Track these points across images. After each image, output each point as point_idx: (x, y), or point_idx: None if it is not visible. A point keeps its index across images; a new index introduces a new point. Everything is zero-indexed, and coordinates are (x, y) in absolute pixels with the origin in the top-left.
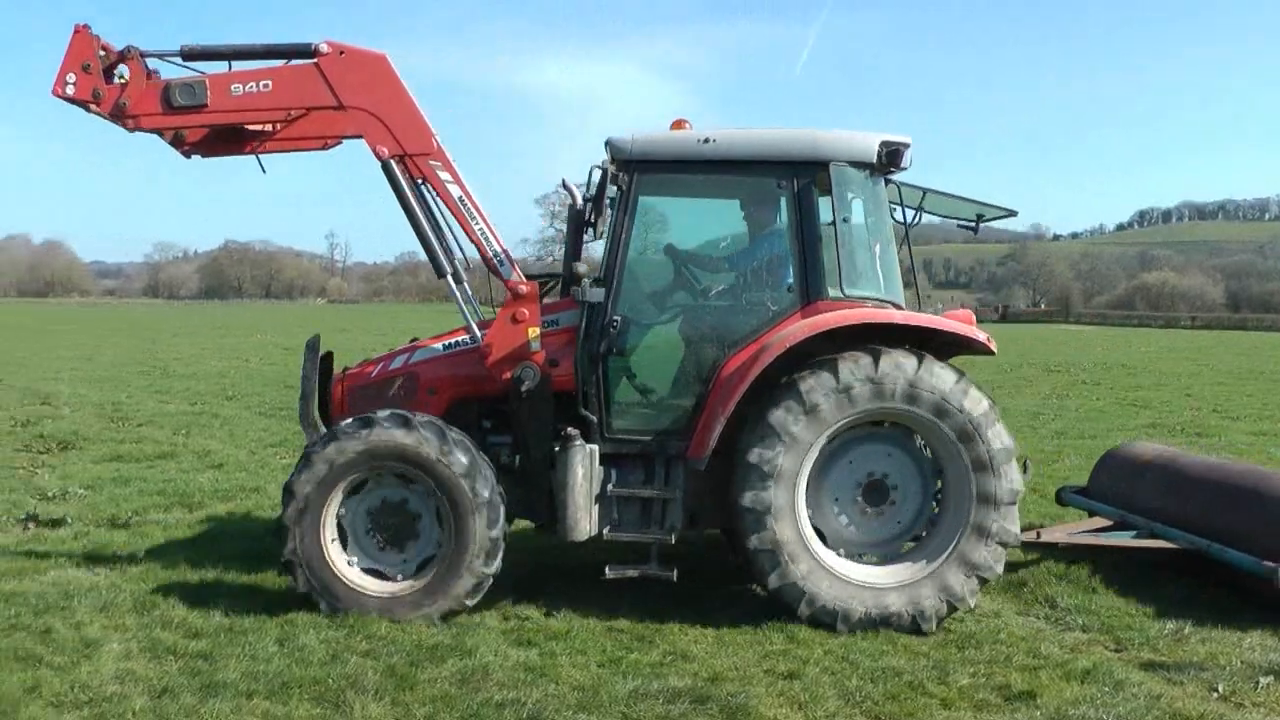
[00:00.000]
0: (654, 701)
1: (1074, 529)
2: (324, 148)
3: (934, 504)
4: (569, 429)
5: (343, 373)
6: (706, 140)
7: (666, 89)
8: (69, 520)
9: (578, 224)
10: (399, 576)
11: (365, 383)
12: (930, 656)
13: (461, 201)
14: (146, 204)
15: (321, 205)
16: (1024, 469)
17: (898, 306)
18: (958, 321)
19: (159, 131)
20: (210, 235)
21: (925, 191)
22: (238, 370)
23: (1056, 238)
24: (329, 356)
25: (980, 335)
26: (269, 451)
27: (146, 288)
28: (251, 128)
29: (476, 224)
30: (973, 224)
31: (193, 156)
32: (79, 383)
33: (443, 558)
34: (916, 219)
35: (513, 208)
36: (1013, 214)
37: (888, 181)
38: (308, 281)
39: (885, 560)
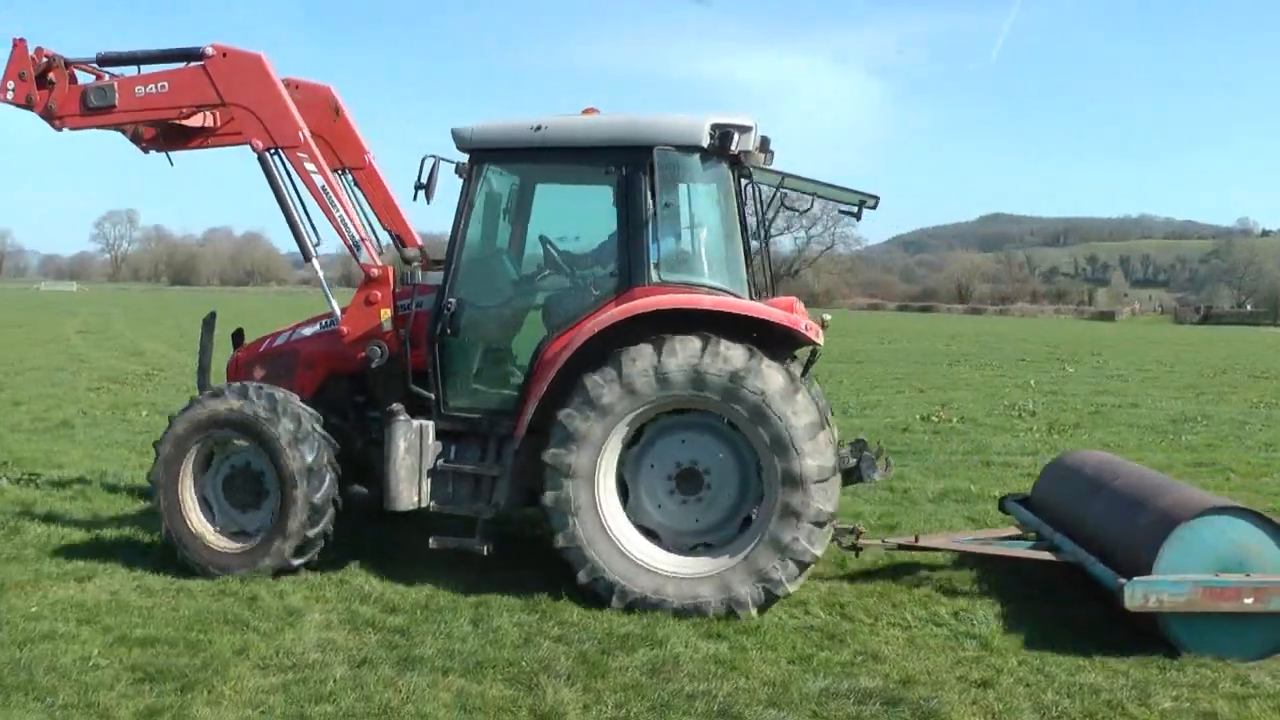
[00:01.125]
0: (844, 701)
1: (964, 536)
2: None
3: None
4: (395, 405)
5: (237, 348)
6: (538, 128)
7: (856, 80)
8: None
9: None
10: (259, 535)
11: (253, 357)
12: (1130, 675)
13: (324, 190)
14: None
15: None
16: (884, 464)
17: (732, 293)
18: (778, 310)
19: (82, 129)
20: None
21: (784, 176)
22: None
23: (1265, 233)
24: (240, 332)
25: (796, 321)
26: None
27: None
28: (191, 124)
29: (337, 211)
30: (854, 210)
31: (150, 151)
32: None
33: (271, 520)
34: (773, 208)
35: None
36: (873, 199)
37: (744, 169)
38: None
39: (711, 548)
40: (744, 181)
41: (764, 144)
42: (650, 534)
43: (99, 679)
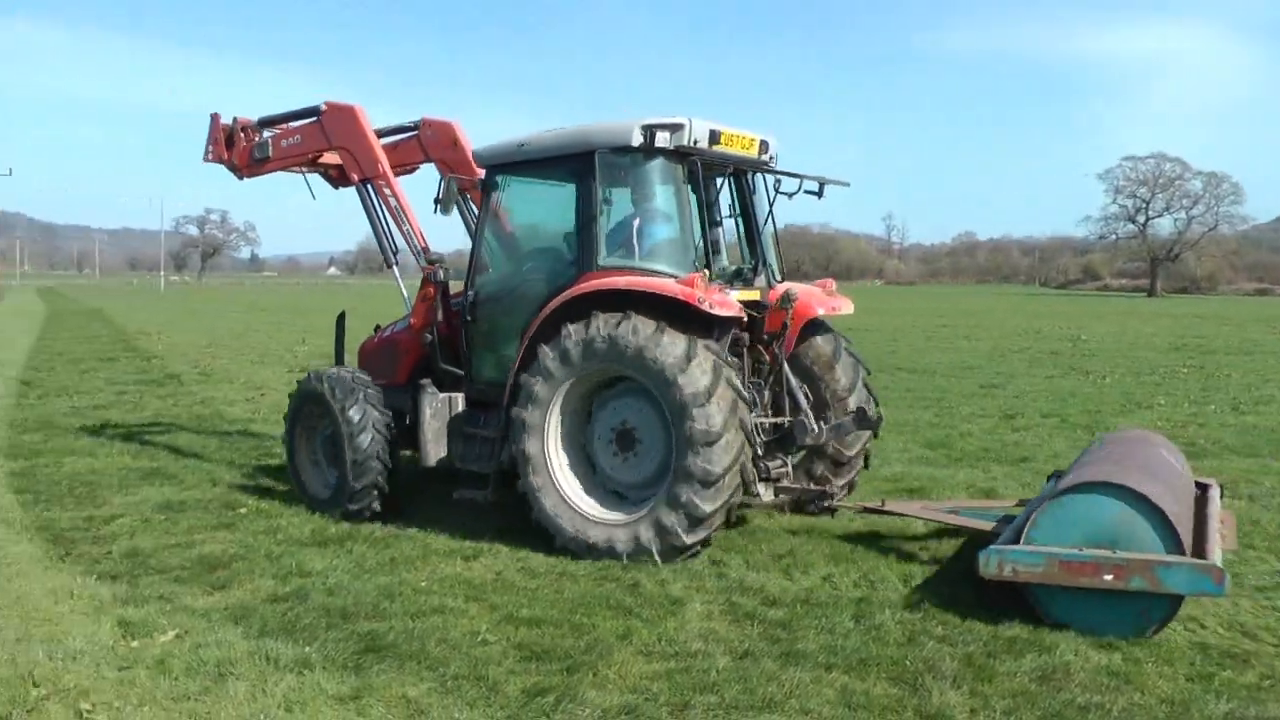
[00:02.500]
0: None
1: (938, 505)
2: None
3: None
4: (423, 380)
5: (339, 327)
6: (521, 144)
7: (1254, 50)
8: None
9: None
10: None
11: (370, 348)
12: None
13: (397, 210)
14: None
15: (880, 187)
16: (866, 420)
17: (671, 274)
18: (679, 286)
19: (256, 177)
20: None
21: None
22: None
23: None
24: (342, 315)
25: (691, 295)
26: None
27: None
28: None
29: (404, 225)
30: (816, 191)
31: (338, 188)
32: None
33: (338, 475)
34: (717, 193)
35: (1074, 183)
36: (843, 183)
37: (692, 161)
38: (865, 263)
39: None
40: (756, 176)
41: (764, 146)
42: (619, 494)
43: (487, 654)
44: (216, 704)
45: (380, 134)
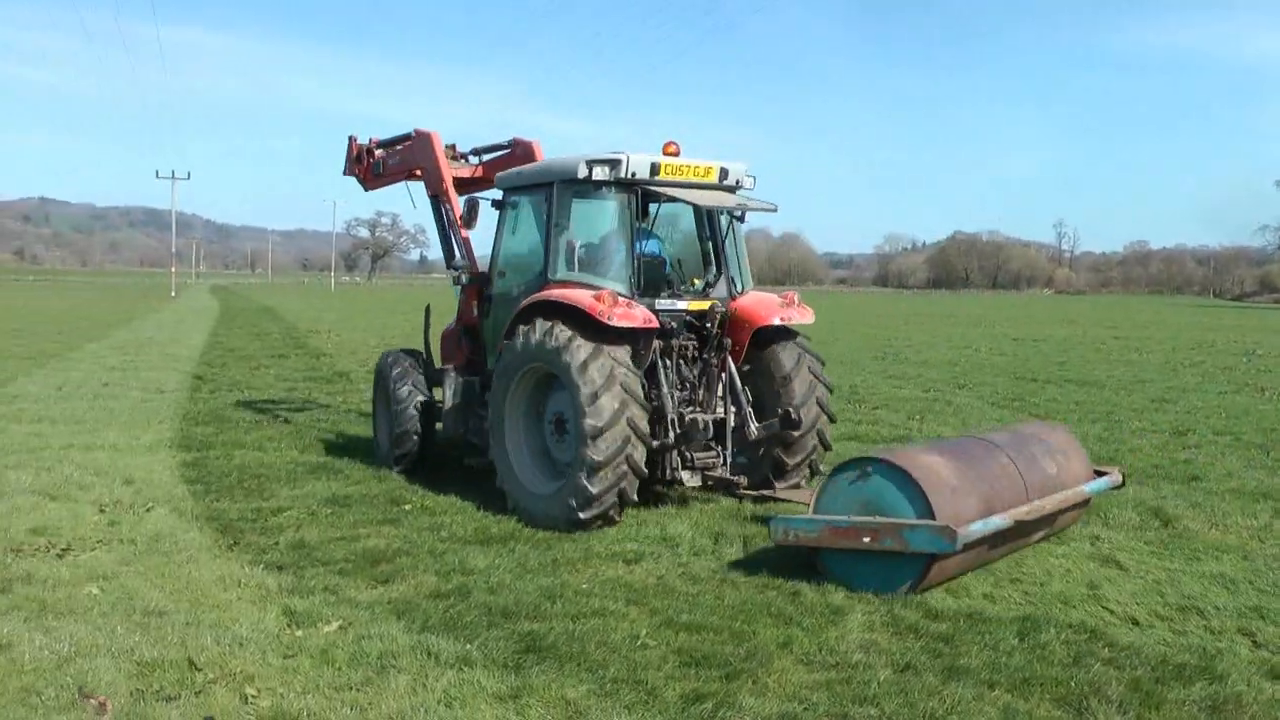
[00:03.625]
0: None
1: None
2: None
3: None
4: (445, 365)
5: (427, 320)
6: (520, 173)
7: None
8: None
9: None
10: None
11: (445, 336)
12: None
13: (453, 223)
14: (878, 198)
15: (1051, 194)
16: (790, 422)
17: (610, 288)
18: (586, 297)
19: (376, 189)
20: (939, 227)
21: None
22: (967, 359)
23: None
24: (428, 308)
25: (594, 307)
26: None
27: (876, 277)
28: (463, 176)
29: (458, 235)
30: (739, 214)
31: (367, 191)
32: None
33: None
34: (654, 216)
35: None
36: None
37: (645, 191)
38: (1034, 272)
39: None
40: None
41: (723, 174)
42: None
43: (646, 658)
44: (378, 695)
45: (481, 151)
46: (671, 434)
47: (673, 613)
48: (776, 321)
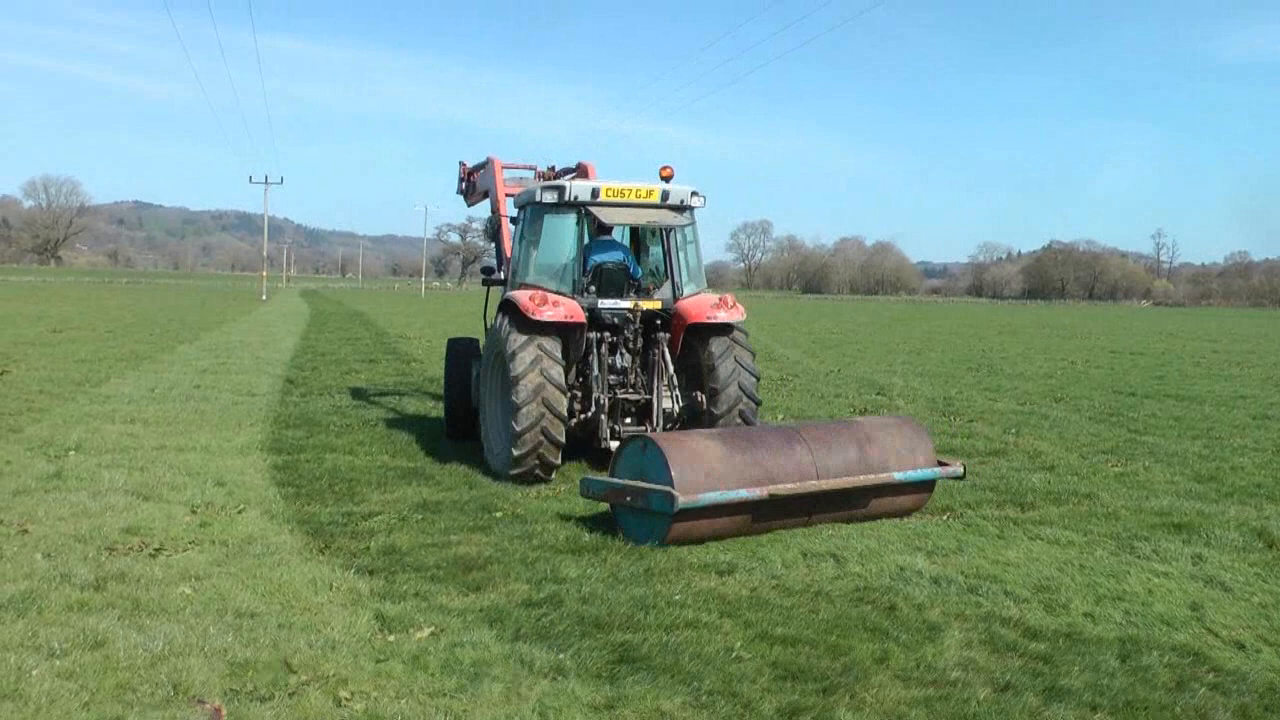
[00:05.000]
0: None
1: None
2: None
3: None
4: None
5: None
6: (519, 196)
7: None
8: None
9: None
10: None
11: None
12: None
13: (500, 238)
14: (973, 207)
15: (1150, 204)
16: (694, 406)
17: (558, 292)
18: (525, 299)
19: (472, 205)
20: (1034, 236)
21: (588, 208)
22: (1064, 372)
23: None
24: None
25: (529, 305)
26: (1099, 458)
27: (970, 287)
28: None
29: (503, 249)
30: (665, 229)
31: (470, 207)
32: (911, 376)
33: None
34: (589, 230)
35: None
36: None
37: (585, 210)
38: (1132, 283)
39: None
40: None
41: (664, 196)
42: None
43: (741, 671)
44: (472, 703)
45: (561, 172)
46: (595, 409)
47: (767, 625)
48: (706, 318)
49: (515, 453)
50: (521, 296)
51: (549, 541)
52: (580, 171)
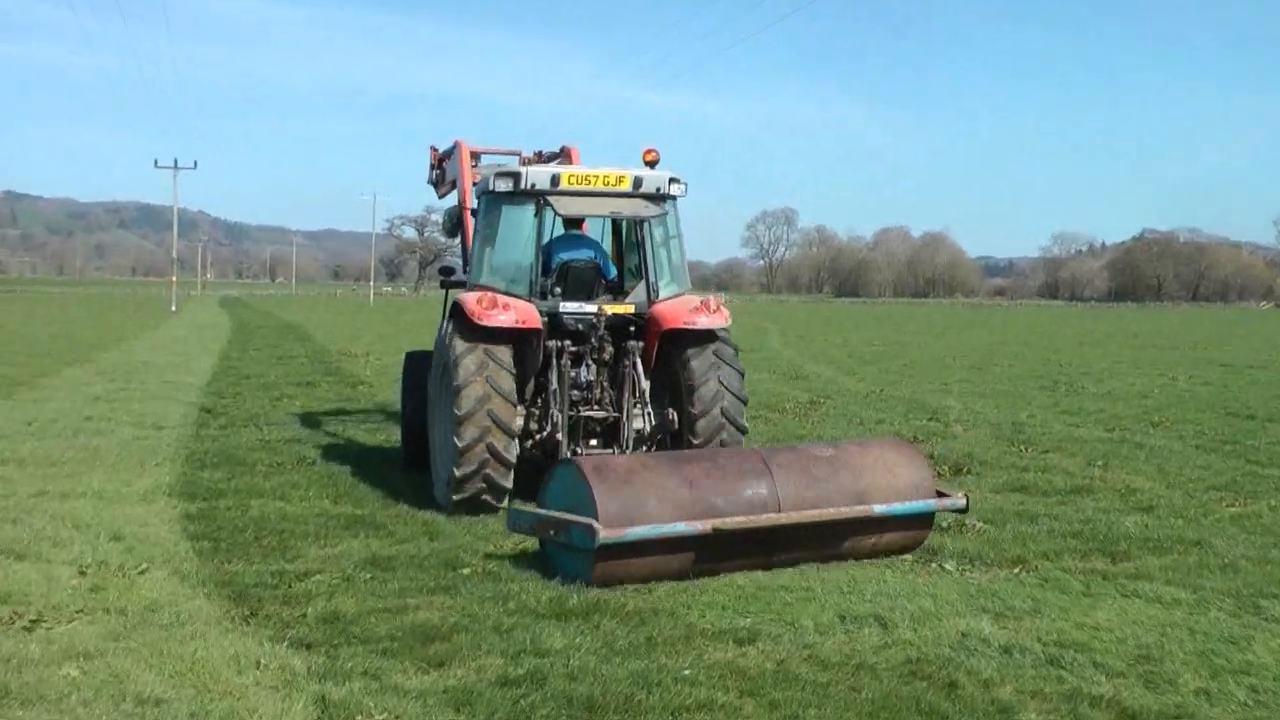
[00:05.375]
0: None
1: None
2: None
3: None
4: None
5: None
6: (476, 186)
7: None
8: (970, 559)
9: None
10: None
11: None
12: None
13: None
14: (1044, 191)
15: (1269, 185)
16: (662, 427)
17: (509, 293)
18: (471, 303)
19: (443, 196)
20: (1122, 224)
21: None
22: (1163, 390)
23: None
24: None
25: (474, 309)
26: (1211, 495)
27: (1043, 286)
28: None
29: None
30: (634, 220)
31: (441, 198)
32: (971, 396)
33: None
34: (547, 221)
35: None
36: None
37: (544, 201)
38: (1248, 280)
39: None
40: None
41: (637, 183)
42: None
43: None
44: None
45: (548, 158)
46: (554, 430)
47: (797, 707)
48: (683, 324)
49: (458, 473)
50: (469, 299)
51: (528, 604)
52: (564, 157)
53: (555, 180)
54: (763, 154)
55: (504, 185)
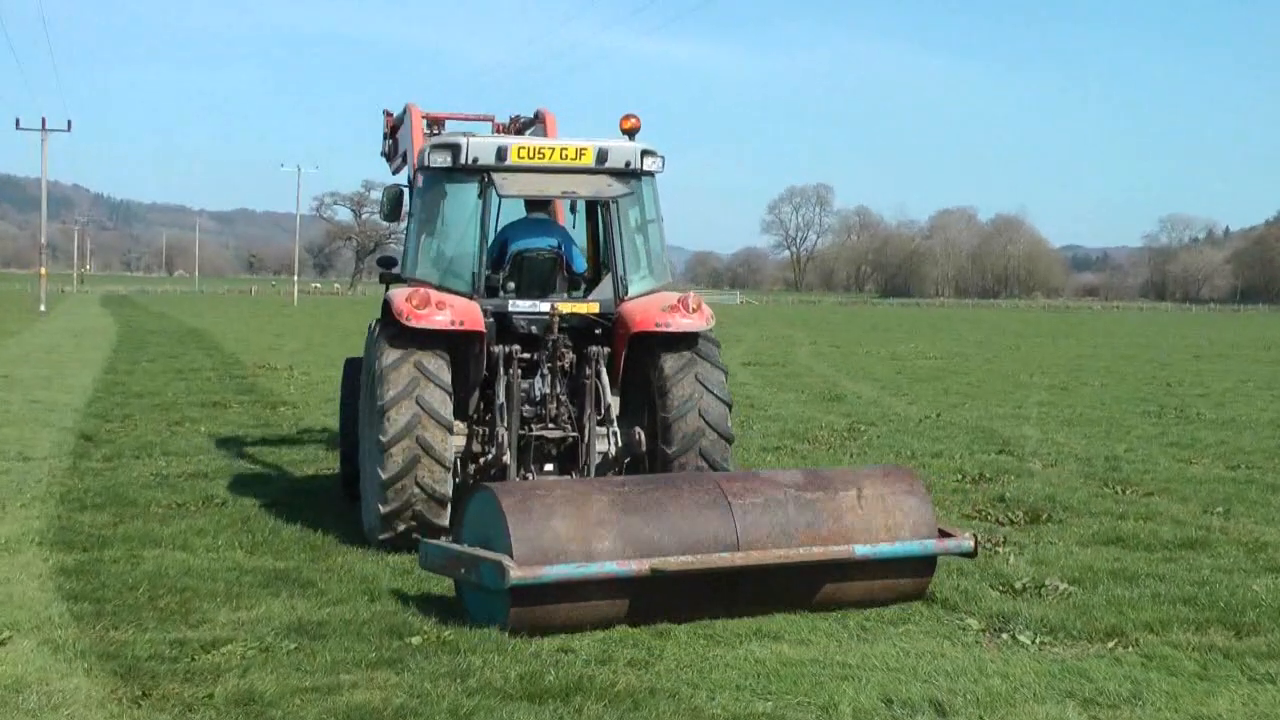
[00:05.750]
0: None
1: None
2: None
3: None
4: None
5: None
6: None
7: None
8: (1051, 629)
9: None
10: None
11: None
12: None
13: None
14: (1149, 166)
15: None
16: (631, 449)
17: (441, 288)
18: (400, 300)
19: (395, 172)
20: (1249, 207)
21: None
22: None
23: None
24: None
25: (404, 309)
26: None
27: (1146, 284)
28: None
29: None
30: (599, 201)
31: (395, 174)
32: (1053, 424)
33: None
34: (490, 204)
35: None
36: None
37: (486, 179)
38: None
39: None
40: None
41: (601, 155)
42: None
43: None
44: None
45: (523, 126)
46: (501, 453)
47: None
48: (655, 326)
49: (383, 510)
50: (398, 296)
51: (493, 681)
52: (538, 124)
53: (502, 153)
54: (789, 115)
55: (441, 160)
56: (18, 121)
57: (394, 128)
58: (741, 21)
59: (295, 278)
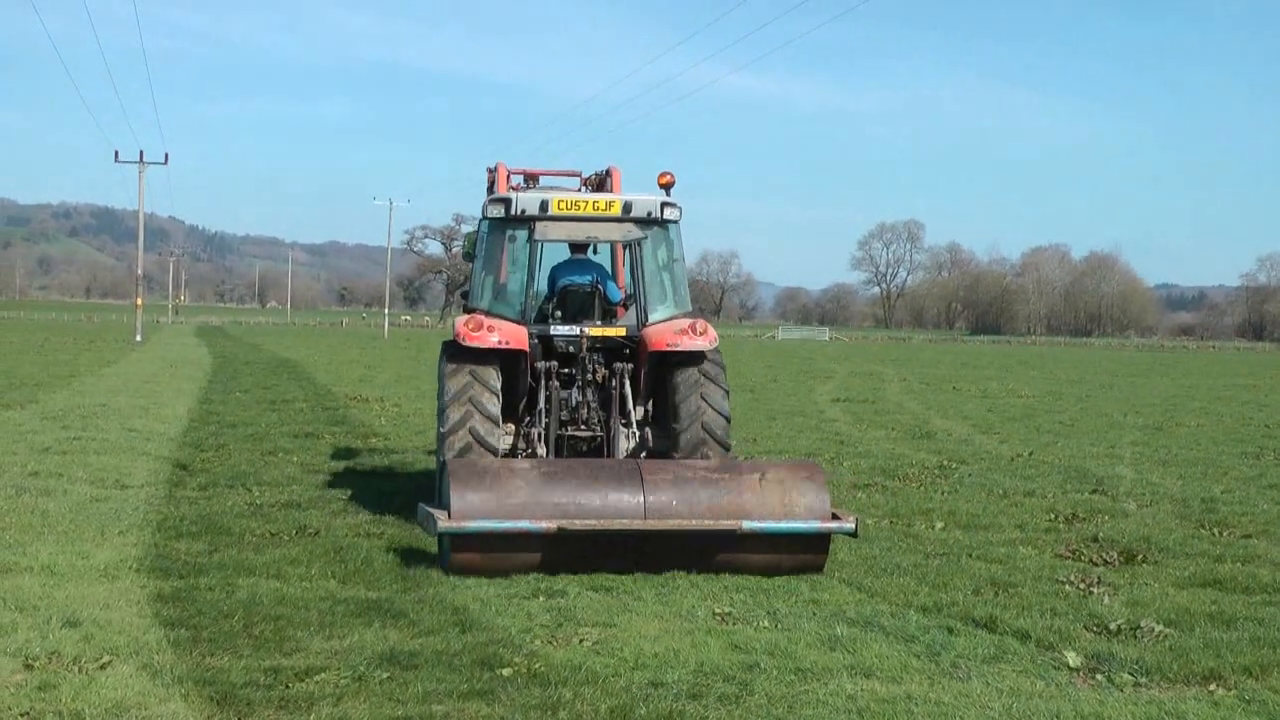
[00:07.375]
0: None
1: None
2: None
3: None
4: None
5: None
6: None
7: None
8: (1146, 671)
9: None
10: None
11: None
12: None
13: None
14: (1247, 203)
15: None
16: (643, 445)
17: (504, 317)
18: (463, 326)
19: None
20: None
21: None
22: None
23: None
24: None
25: (461, 331)
26: None
27: (1244, 324)
28: None
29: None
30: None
31: None
32: (1149, 464)
33: None
34: (535, 248)
35: None
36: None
37: (529, 225)
38: None
39: None
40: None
41: (627, 207)
42: None
43: None
44: None
45: (599, 183)
46: (539, 449)
47: None
48: (667, 346)
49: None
50: (459, 322)
51: (583, 714)
52: (608, 178)
53: (544, 206)
54: (882, 151)
55: (497, 211)
56: (116, 154)
57: (492, 182)
58: (821, 57)
59: (386, 310)
